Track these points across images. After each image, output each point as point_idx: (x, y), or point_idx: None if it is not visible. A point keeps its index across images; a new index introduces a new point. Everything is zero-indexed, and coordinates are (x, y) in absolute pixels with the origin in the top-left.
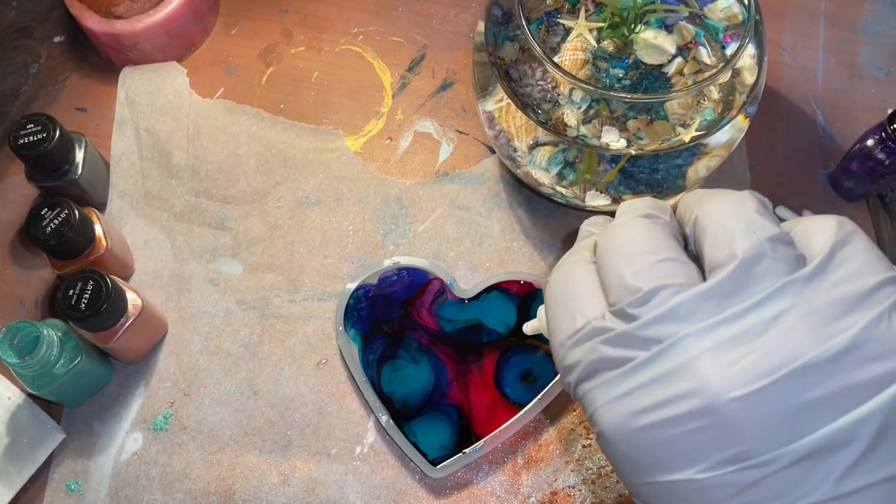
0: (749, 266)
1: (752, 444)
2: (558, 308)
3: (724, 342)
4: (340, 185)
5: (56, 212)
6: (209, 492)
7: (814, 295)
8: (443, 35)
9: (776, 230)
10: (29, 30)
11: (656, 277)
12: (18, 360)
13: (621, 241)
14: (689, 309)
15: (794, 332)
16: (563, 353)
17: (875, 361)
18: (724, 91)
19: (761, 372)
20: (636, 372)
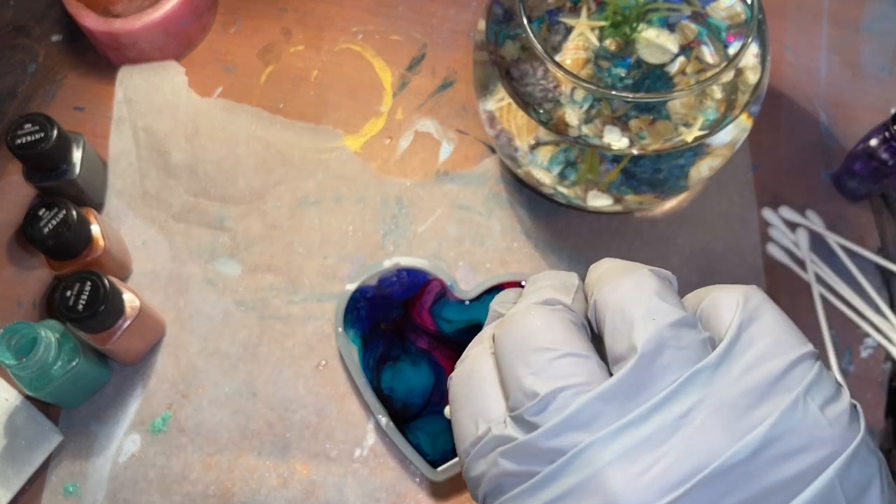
0: (651, 359)
1: None
2: (461, 411)
3: (631, 449)
4: (340, 185)
5: (54, 212)
6: (208, 494)
7: (722, 385)
8: (443, 34)
9: (678, 314)
10: (26, 29)
11: (555, 378)
12: (16, 362)
13: (517, 336)
14: (591, 413)
15: (705, 430)
16: (467, 463)
17: (795, 455)
18: (726, 90)
19: (672, 482)
20: (541, 488)
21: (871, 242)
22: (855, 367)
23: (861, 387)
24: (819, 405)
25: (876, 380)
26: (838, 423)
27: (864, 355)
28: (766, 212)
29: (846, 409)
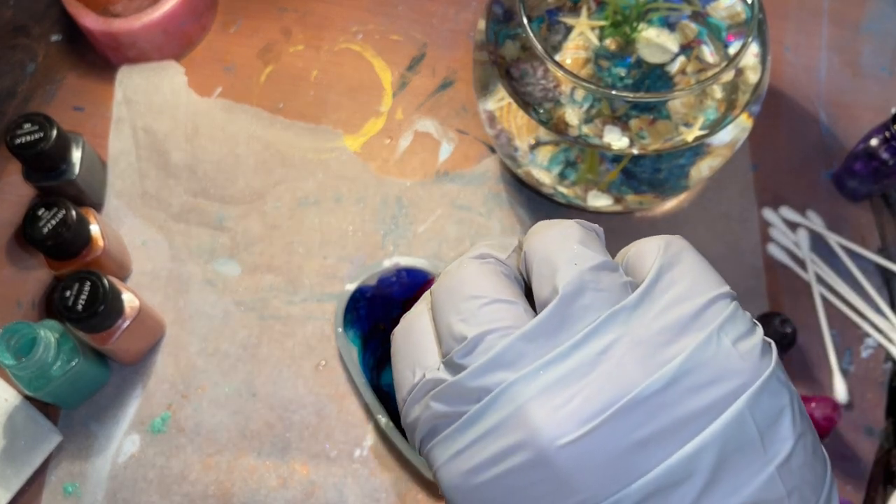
0: (571, 300)
1: (587, 492)
2: (400, 363)
3: (552, 385)
4: (340, 185)
5: (53, 212)
6: (207, 494)
7: (640, 323)
8: (443, 33)
9: (599, 259)
10: (26, 28)
11: (483, 323)
12: (15, 362)
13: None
14: (515, 353)
15: (622, 365)
16: (404, 410)
17: (707, 387)
18: (727, 90)
19: (589, 413)
20: (469, 426)
21: (871, 242)
22: (855, 367)
23: (861, 387)
24: (732, 340)
25: (876, 380)
26: (750, 357)
27: (864, 355)
28: (767, 212)
29: (758, 343)
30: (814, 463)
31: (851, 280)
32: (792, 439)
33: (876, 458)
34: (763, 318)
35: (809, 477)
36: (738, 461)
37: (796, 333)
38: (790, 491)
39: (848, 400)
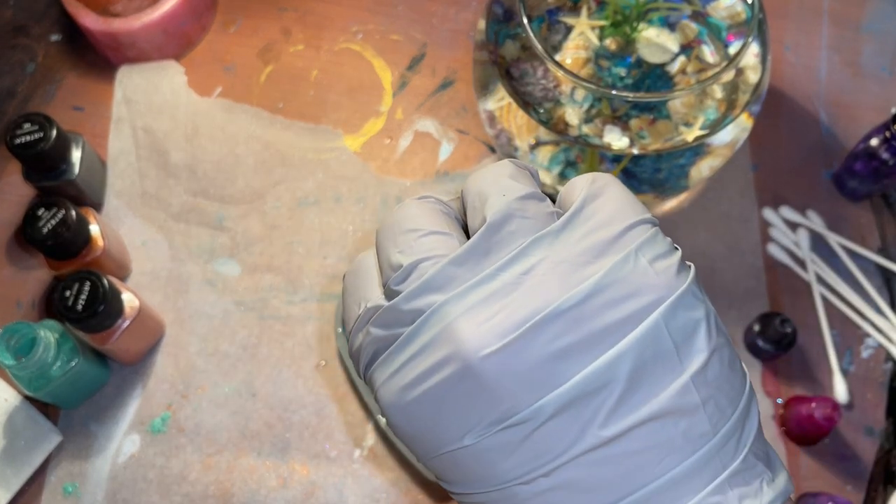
0: (499, 227)
1: (512, 400)
2: (348, 300)
3: (478, 303)
4: (340, 185)
5: (53, 212)
6: (207, 494)
7: (563, 247)
8: (443, 33)
9: (527, 190)
10: (26, 28)
11: (417, 252)
12: (15, 362)
13: (390, 222)
14: (445, 277)
15: (543, 283)
16: (350, 341)
17: (623, 301)
18: (727, 90)
19: (510, 326)
20: (403, 347)
21: (871, 242)
22: (855, 367)
23: (861, 387)
24: (649, 260)
25: (877, 380)
26: (665, 274)
27: (864, 355)
28: (767, 212)
29: (675, 263)
30: (730, 376)
31: (851, 280)
32: (706, 351)
33: (876, 458)
34: (763, 318)
35: (726, 388)
36: (653, 370)
37: (796, 333)
38: (705, 400)
39: (848, 400)
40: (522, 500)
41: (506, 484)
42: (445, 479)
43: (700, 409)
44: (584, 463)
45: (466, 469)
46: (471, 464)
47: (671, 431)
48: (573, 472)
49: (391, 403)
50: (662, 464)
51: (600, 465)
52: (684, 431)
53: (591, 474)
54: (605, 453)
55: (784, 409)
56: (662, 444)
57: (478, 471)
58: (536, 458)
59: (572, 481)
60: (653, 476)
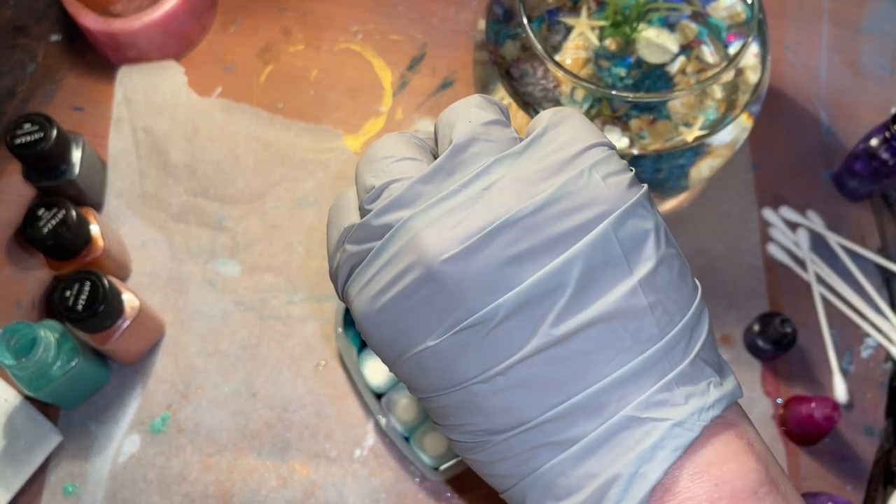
0: (463, 148)
1: (470, 302)
2: (329, 229)
3: (441, 216)
4: (340, 185)
5: (53, 212)
6: (207, 494)
7: (523, 166)
8: (443, 33)
9: (492, 117)
10: (26, 28)
11: (389, 175)
12: (15, 362)
13: (367, 152)
14: (412, 194)
15: (502, 197)
16: (329, 263)
17: (575, 212)
18: (727, 90)
19: (469, 233)
20: (374, 259)
21: (871, 242)
22: (855, 367)
23: (861, 387)
24: (602, 176)
25: (876, 380)
26: (617, 188)
27: (864, 355)
28: (767, 212)
29: (628, 179)
30: (679, 285)
31: (851, 280)
32: (654, 259)
33: (876, 458)
34: (763, 318)
35: (674, 296)
36: (603, 275)
37: (796, 333)
38: (653, 304)
39: (848, 400)
40: (482, 399)
41: (465, 383)
42: (412, 384)
43: (648, 313)
44: (538, 362)
45: (430, 371)
46: (433, 365)
47: (620, 332)
48: (527, 371)
49: (363, 312)
50: (612, 363)
51: (553, 364)
52: (633, 333)
53: (545, 373)
54: (557, 353)
55: (784, 409)
56: (612, 345)
57: (440, 372)
58: (493, 358)
59: (527, 380)
60: (602, 375)
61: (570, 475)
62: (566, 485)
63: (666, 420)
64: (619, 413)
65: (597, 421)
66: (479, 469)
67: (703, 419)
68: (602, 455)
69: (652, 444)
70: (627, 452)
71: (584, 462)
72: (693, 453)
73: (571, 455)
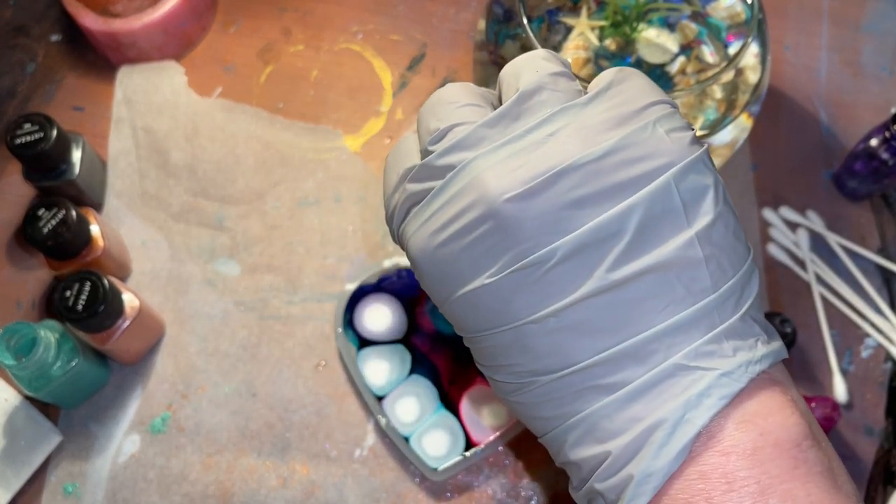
0: (529, 95)
1: (528, 242)
2: (388, 173)
3: (505, 158)
4: (340, 185)
5: (53, 212)
6: (207, 494)
7: (588, 116)
8: (443, 33)
9: (559, 69)
10: (26, 28)
11: (453, 118)
12: (15, 362)
13: (431, 98)
14: (476, 137)
15: (566, 143)
16: (386, 204)
17: (638, 162)
18: (727, 90)
19: (533, 175)
20: (435, 198)
21: (871, 242)
22: (855, 367)
23: (861, 387)
24: (666, 130)
25: (876, 380)
26: (680, 142)
27: (864, 355)
28: (767, 212)
29: (690, 135)
30: (734, 243)
31: (851, 280)
32: (712, 214)
33: (876, 458)
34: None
35: (728, 251)
36: (662, 225)
37: (796, 333)
38: (708, 257)
39: (848, 400)
40: (532, 339)
41: (517, 322)
42: (462, 324)
43: (702, 265)
44: (591, 306)
45: (483, 309)
46: (487, 303)
47: (674, 282)
48: (580, 314)
49: (420, 249)
50: (664, 311)
51: (605, 309)
52: (686, 283)
53: (597, 317)
54: (610, 298)
55: None
56: (665, 293)
57: (493, 310)
58: (547, 299)
59: (579, 322)
60: (654, 322)
61: (614, 418)
62: (610, 427)
63: (714, 370)
64: (668, 360)
65: (645, 367)
66: (519, 411)
67: (749, 372)
68: (648, 400)
69: (699, 392)
70: (674, 399)
71: (630, 406)
72: (739, 403)
73: (617, 399)
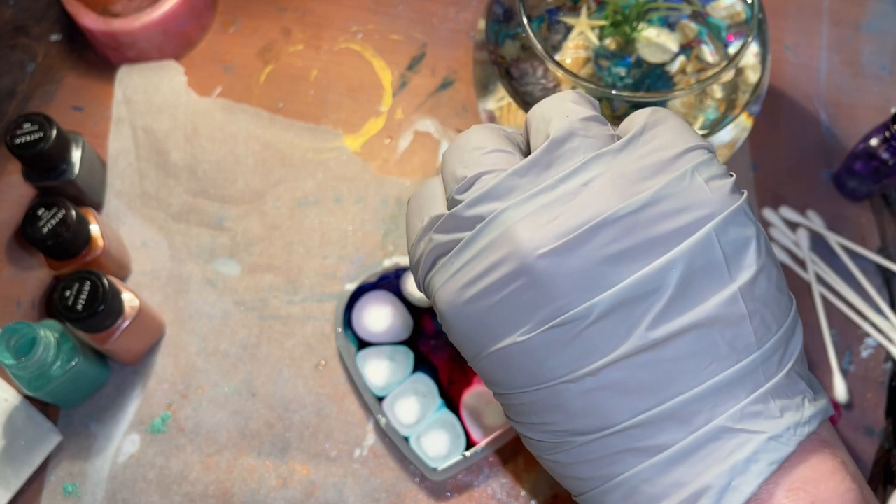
0: (561, 142)
1: (564, 299)
2: (412, 217)
3: (537, 210)
4: (339, 185)
5: (53, 212)
6: (207, 494)
7: (622, 164)
8: (443, 33)
9: (590, 113)
10: (25, 28)
11: (481, 165)
12: (15, 362)
13: (456, 142)
14: (507, 187)
15: (601, 194)
16: (411, 251)
17: (677, 214)
18: (727, 90)
19: (567, 229)
20: (463, 250)
21: (871, 242)
22: (855, 367)
23: (861, 387)
24: (705, 179)
25: (876, 380)
26: (720, 192)
27: (864, 355)
28: (767, 211)
29: (730, 183)
30: (777, 296)
31: (851, 280)
32: (756, 266)
33: (876, 458)
34: None
35: (772, 306)
36: (703, 279)
37: None
38: (751, 313)
39: (848, 400)
40: (568, 398)
41: (553, 382)
42: (493, 380)
43: (746, 321)
44: (631, 364)
45: (515, 367)
46: (520, 361)
47: (717, 339)
48: (619, 373)
49: (448, 303)
50: (706, 370)
51: (645, 368)
52: (730, 341)
53: (637, 376)
54: (650, 356)
55: None
56: (707, 351)
57: (526, 369)
58: (584, 357)
59: (618, 382)
60: (696, 382)
61: (655, 483)
62: (651, 492)
63: (761, 433)
64: (712, 422)
65: (687, 429)
66: (554, 470)
67: (798, 434)
68: (691, 464)
69: (746, 457)
70: (719, 463)
71: (672, 470)
72: (788, 469)
73: (658, 462)
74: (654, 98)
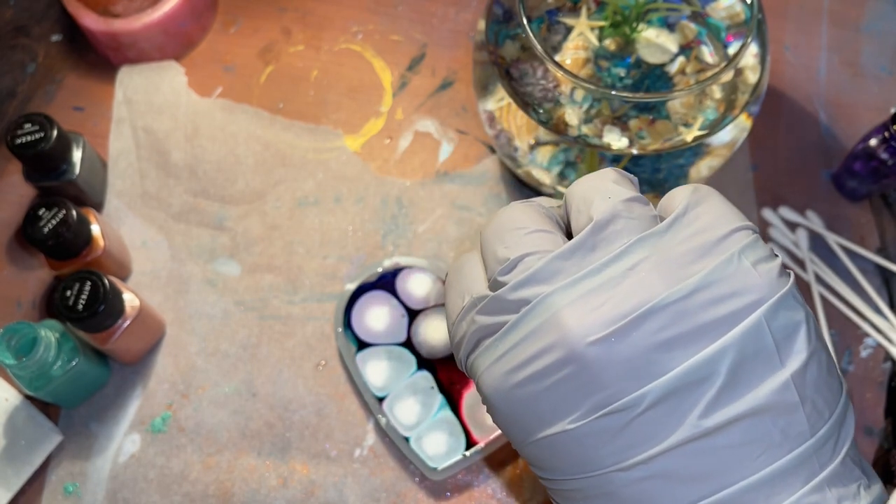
0: (604, 225)
1: (614, 387)
2: (451, 293)
3: (584, 295)
4: (340, 185)
5: (54, 212)
6: (207, 494)
7: (667, 247)
8: (443, 33)
9: (632, 194)
10: (26, 28)
11: (524, 247)
12: (15, 362)
13: (496, 222)
14: (552, 270)
15: (648, 279)
16: (452, 331)
17: (727, 299)
18: (726, 90)
19: (616, 316)
20: (508, 334)
21: (870, 242)
22: (855, 367)
23: (861, 387)
24: (752, 262)
25: (876, 380)
26: (768, 276)
27: (863, 355)
28: (766, 212)
29: (777, 266)
30: (829, 380)
31: (851, 280)
32: (806, 352)
33: (875, 458)
34: None
35: (824, 391)
36: (754, 367)
37: None
38: (804, 399)
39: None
40: (618, 487)
41: (603, 470)
42: (540, 465)
43: (799, 408)
44: (683, 453)
45: (564, 454)
46: (569, 449)
47: (769, 428)
48: (671, 462)
49: (494, 388)
50: (760, 459)
51: (698, 456)
52: (783, 429)
53: (689, 465)
54: (703, 445)
55: None
56: (760, 440)
57: (576, 456)
58: (635, 446)
59: (670, 471)
60: (750, 471)
61: None
62: None
63: None
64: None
65: None
66: None
67: None
68: None
69: None
70: None
71: None
72: None
73: None
74: (654, 98)
